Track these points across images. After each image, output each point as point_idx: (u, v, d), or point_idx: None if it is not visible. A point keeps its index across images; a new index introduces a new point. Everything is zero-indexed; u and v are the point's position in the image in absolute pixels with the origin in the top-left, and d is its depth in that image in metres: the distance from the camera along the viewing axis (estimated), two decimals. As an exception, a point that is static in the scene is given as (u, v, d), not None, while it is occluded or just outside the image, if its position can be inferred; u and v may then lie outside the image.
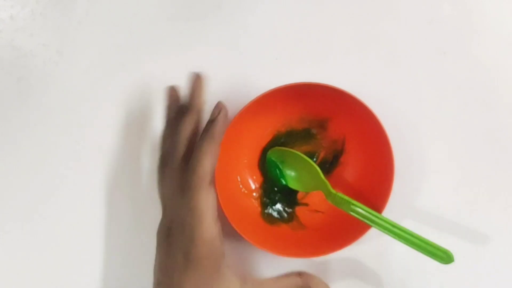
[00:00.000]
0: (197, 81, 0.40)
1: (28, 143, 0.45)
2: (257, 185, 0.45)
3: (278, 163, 0.44)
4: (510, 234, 0.44)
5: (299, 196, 0.45)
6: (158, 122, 0.45)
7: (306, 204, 0.45)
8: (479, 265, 0.44)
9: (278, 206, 0.45)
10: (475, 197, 0.45)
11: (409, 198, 0.45)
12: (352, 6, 0.46)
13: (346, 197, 0.40)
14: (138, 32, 0.45)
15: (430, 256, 0.37)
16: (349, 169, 0.44)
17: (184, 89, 0.41)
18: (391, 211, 0.40)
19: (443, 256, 0.36)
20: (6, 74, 0.45)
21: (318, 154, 0.45)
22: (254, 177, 0.45)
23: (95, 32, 0.45)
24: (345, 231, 0.41)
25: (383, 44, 0.46)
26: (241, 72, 0.45)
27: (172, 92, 0.42)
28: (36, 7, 0.45)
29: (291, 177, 0.44)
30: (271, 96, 0.39)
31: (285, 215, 0.45)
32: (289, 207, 0.45)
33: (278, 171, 0.45)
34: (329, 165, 0.45)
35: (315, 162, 0.45)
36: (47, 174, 0.45)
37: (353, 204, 0.40)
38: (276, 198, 0.45)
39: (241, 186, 0.44)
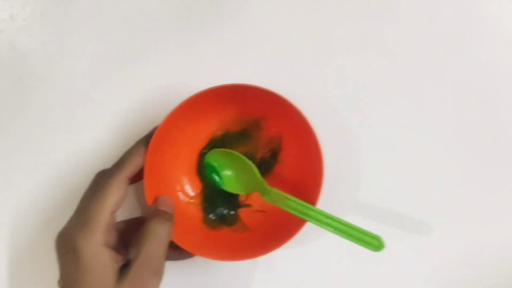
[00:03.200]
0: None
1: (28, 143, 0.45)
2: (198, 191, 0.44)
3: (216, 166, 0.44)
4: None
5: (241, 198, 0.45)
6: (158, 122, 0.45)
7: (249, 205, 0.45)
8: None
9: (221, 210, 0.44)
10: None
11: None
12: (352, 6, 0.46)
13: (280, 192, 0.40)
14: (138, 32, 0.45)
15: (362, 245, 0.37)
16: (287, 165, 0.44)
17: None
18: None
19: (375, 243, 0.36)
20: (6, 74, 0.45)
21: (257, 154, 0.45)
22: (194, 184, 0.44)
23: (95, 32, 0.45)
24: (284, 228, 0.41)
25: (383, 44, 0.46)
26: (241, 72, 0.45)
27: None
28: (36, 7, 0.45)
29: (229, 178, 0.44)
30: (201, 98, 0.39)
31: (228, 218, 0.44)
32: (232, 210, 0.44)
33: (215, 175, 0.44)
34: (268, 164, 0.44)
35: (254, 161, 0.44)
36: (46, 174, 0.45)
37: (287, 199, 0.40)
38: (218, 202, 0.44)
39: (180, 193, 0.44)
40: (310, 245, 0.45)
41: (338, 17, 0.46)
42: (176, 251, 0.38)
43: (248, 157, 0.44)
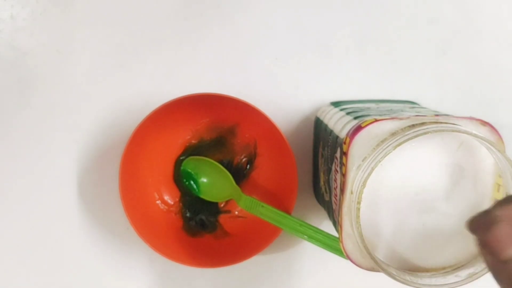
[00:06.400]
0: None
1: (28, 143, 0.45)
2: (176, 199, 0.44)
3: (192, 174, 0.44)
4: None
5: (220, 204, 0.45)
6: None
7: (229, 211, 0.45)
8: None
9: (200, 217, 0.44)
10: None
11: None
12: (352, 6, 0.46)
13: (254, 199, 0.40)
14: (138, 32, 0.45)
15: (337, 253, 0.36)
16: (263, 171, 0.44)
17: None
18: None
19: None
20: (6, 74, 0.45)
21: (233, 160, 0.45)
22: (172, 192, 0.44)
23: (95, 32, 0.45)
24: (264, 234, 0.41)
25: (383, 44, 0.46)
26: (241, 72, 0.45)
27: None
28: (36, 7, 0.45)
29: (205, 186, 0.44)
30: (170, 107, 0.39)
31: (209, 224, 0.44)
32: (211, 217, 0.44)
33: (192, 183, 0.44)
34: (245, 170, 0.44)
35: (231, 168, 0.44)
36: (47, 174, 0.45)
37: (261, 206, 0.39)
38: (197, 209, 0.44)
39: (158, 202, 0.44)
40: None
41: (337, 17, 0.46)
42: None
43: (225, 163, 0.44)
